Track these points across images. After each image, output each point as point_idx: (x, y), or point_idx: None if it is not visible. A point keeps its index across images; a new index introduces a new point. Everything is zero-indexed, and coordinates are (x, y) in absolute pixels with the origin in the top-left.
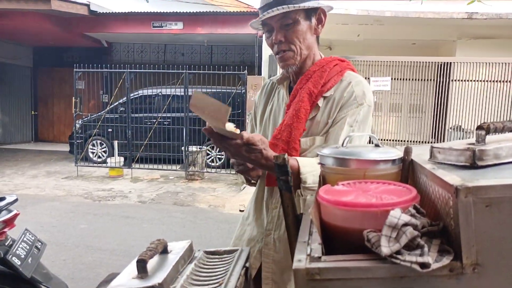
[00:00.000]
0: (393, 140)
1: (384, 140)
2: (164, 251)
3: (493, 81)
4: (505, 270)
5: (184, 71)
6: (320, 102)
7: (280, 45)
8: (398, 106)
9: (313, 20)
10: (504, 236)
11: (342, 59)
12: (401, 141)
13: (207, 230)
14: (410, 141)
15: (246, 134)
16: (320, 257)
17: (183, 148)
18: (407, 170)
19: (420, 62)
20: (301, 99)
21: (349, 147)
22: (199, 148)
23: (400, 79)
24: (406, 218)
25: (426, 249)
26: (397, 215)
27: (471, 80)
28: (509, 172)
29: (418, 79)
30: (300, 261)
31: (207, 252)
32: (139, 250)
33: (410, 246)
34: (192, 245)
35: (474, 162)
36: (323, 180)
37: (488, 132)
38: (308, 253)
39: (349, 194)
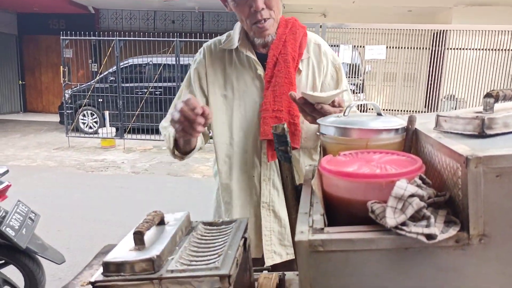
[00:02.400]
0: (386, 110)
1: None
2: (161, 222)
3: (488, 49)
4: (511, 241)
5: (175, 39)
6: (301, 66)
7: (261, 13)
8: (392, 75)
9: None
10: None
11: (293, 18)
12: (395, 110)
13: (202, 200)
14: (403, 111)
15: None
16: (322, 229)
17: None
18: (410, 140)
19: (415, 30)
20: (287, 65)
21: (351, 116)
22: None
23: (395, 47)
24: (412, 189)
25: (432, 220)
26: (403, 186)
27: (466, 49)
28: None
29: (413, 48)
30: (303, 232)
31: (205, 223)
32: (134, 220)
33: (416, 217)
34: (189, 216)
35: (482, 131)
36: (323, 151)
37: (497, 100)
38: (310, 224)
39: (352, 165)
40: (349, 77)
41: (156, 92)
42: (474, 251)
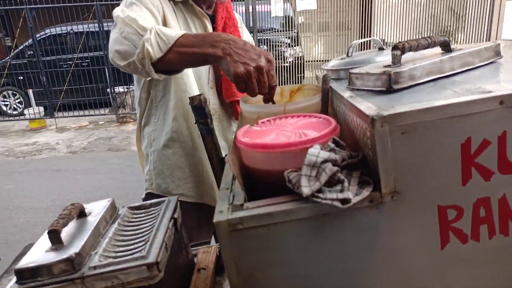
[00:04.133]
0: (323, 61)
1: (315, 61)
2: (82, 215)
3: None
4: (420, 194)
5: (95, 2)
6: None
7: None
8: (326, 24)
9: None
10: (418, 161)
11: None
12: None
13: None
14: None
15: None
16: (242, 205)
17: (108, 90)
18: (326, 100)
19: None
20: (236, 29)
21: None
22: (127, 88)
23: None
24: (324, 154)
25: (346, 184)
26: (315, 153)
27: None
28: (423, 94)
29: None
30: (222, 212)
31: (131, 208)
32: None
33: (331, 182)
34: (114, 202)
35: (390, 86)
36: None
37: (403, 52)
38: (230, 201)
39: (268, 134)
40: (283, 30)
41: (83, 64)
42: (388, 209)
